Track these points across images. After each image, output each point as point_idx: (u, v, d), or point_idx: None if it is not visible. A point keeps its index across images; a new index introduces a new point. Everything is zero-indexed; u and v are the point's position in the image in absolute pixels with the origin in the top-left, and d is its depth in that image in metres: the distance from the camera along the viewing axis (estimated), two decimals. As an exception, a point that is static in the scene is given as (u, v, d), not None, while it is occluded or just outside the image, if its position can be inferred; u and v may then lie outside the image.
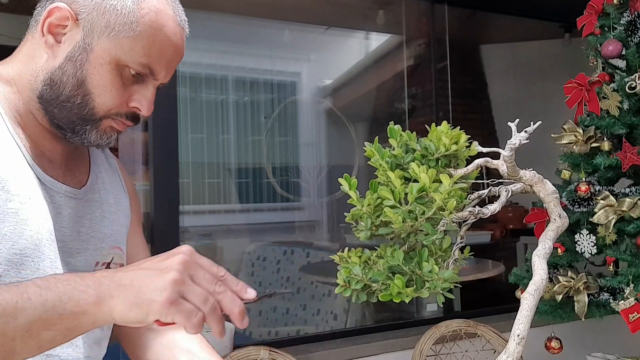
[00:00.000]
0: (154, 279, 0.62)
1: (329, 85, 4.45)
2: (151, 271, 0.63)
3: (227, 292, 0.64)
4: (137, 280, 0.62)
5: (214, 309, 0.62)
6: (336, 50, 4.39)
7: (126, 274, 0.63)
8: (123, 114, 0.81)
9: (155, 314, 0.61)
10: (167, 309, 0.60)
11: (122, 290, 0.61)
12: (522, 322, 0.61)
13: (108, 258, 0.89)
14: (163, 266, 0.63)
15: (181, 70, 2.41)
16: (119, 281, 0.62)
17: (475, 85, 4.70)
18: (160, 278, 0.61)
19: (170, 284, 0.61)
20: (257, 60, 4.10)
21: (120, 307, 0.61)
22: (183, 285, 0.61)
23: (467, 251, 0.69)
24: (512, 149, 0.63)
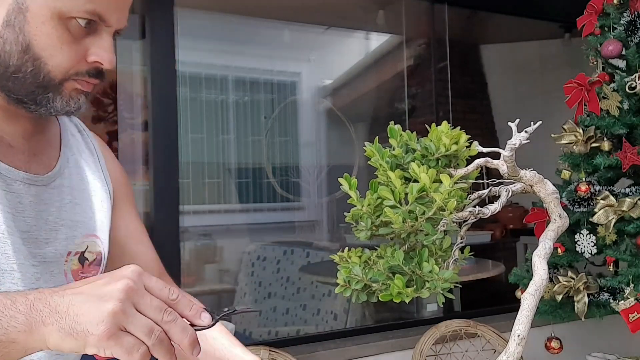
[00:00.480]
0: (91, 309, 0.56)
1: (329, 85, 4.45)
2: (90, 298, 0.57)
3: (176, 321, 0.58)
4: (73, 307, 0.56)
5: (161, 341, 0.57)
6: (336, 50, 4.39)
7: (63, 299, 0.57)
8: (84, 72, 0.73)
9: (92, 347, 0.55)
10: (105, 343, 0.55)
11: (56, 318, 0.56)
12: (523, 322, 0.61)
13: (82, 247, 0.83)
14: (103, 293, 0.56)
15: (181, 70, 2.41)
16: (55, 307, 0.57)
17: (475, 85, 4.70)
18: (98, 308, 0.55)
19: (109, 315, 0.55)
20: (257, 60, 4.10)
21: (54, 336, 0.56)
22: (123, 317, 0.56)
23: (467, 251, 0.69)
24: (513, 149, 0.63)
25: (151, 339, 0.56)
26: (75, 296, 0.57)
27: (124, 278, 0.58)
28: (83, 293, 0.57)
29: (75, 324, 0.55)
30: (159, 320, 0.57)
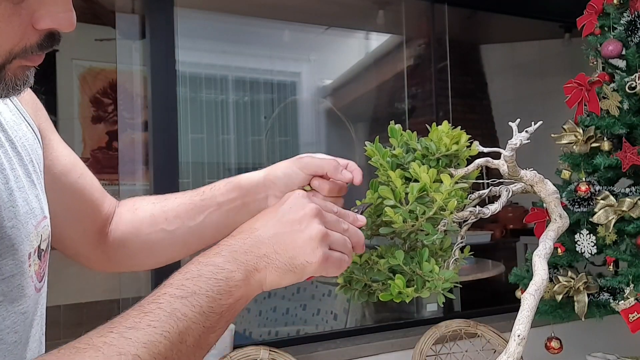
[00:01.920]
0: (298, 240, 0.57)
1: (329, 85, 4.45)
2: (291, 232, 0.58)
3: (350, 228, 0.62)
4: (279, 244, 0.57)
5: (351, 249, 0.61)
6: (336, 50, 4.39)
7: (260, 241, 0.58)
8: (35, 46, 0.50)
9: (310, 273, 0.58)
10: (323, 266, 0.58)
11: (267, 261, 0.57)
12: (523, 323, 0.61)
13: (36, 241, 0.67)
14: (299, 222, 0.58)
15: (181, 70, 2.41)
16: (258, 251, 0.57)
17: (475, 85, 4.70)
18: (307, 238, 0.57)
19: (320, 242, 0.57)
20: (257, 60, 4.10)
21: (271, 277, 0.57)
22: (328, 238, 0.58)
23: (467, 251, 0.69)
24: (513, 149, 0.63)
25: (347, 249, 0.61)
26: (274, 236, 0.58)
27: (306, 203, 0.60)
28: (278, 230, 0.59)
29: (291, 259, 0.57)
30: (341, 231, 0.61)
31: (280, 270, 0.57)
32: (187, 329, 0.51)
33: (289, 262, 0.57)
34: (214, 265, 0.55)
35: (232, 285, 0.55)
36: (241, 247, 0.57)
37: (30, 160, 0.70)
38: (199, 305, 0.52)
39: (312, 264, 0.57)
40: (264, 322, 3.45)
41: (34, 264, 0.66)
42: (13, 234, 0.62)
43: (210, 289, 0.53)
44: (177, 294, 0.52)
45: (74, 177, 0.81)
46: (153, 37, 2.21)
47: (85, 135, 4.00)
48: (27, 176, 0.68)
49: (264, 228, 0.59)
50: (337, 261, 0.59)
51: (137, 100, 2.80)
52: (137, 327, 0.49)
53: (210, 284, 0.54)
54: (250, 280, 0.56)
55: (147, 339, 0.49)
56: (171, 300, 0.52)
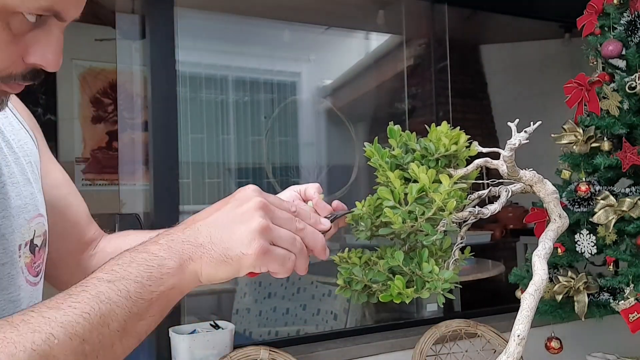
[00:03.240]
0: (236, 231, 0.56)
1: (329, 85, 4.45)
2: (230, 223, 0.57)
3: (307, 228, 0.61)
4: (216, 235, 0.56)
5: (301, 248, 0.59)
6: (336, 50, 4.39)
7: (199, 232, 0.57)
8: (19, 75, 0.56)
9: (248, 267, 0.56)
10: (261, 260, 0.56)
11: (203, 251, 0.56)
12: (522, 323, 0.61)
13: (30, 234, 0.71)
14: (241, 215, 0.57)
15: (181, 70, 2.41)
16: (195, 241, 0.56)
17: (475, 85, 4.70)
18: (245, 229, 0.56)
19: (259, 233, 0.56)
20: (257, 60, 4.10)
21: (207, 268, 0.56)
22: (269, 232, 0.57)
23: (467, 251, 0.69)
24: (512, 149, 0.63)
25: (296, 247, 0.59)
26: (213, 226, 0.57)
27: (252, 197, 0.59)
28: (218, 221, 0.58)
29: (226, 249, 0.56)
30: (294, 230, 0.59)
31: (215, 261, 0.56)
32: (110, 312, 0.50)
33: (225, 253, 0.56)
34: (148, 252, 0.55)
35: (163, 273, 0.54)
36: (179, 236, 0.57)
37: (29, 162, 0.74)
38: (126, 290, 0.52)
39: (248, 256, 0.55)
40: (264, 322, 3.45)
41: (24, 256, 0.70)
42: (3, 224, 0.66)
43: (140, 275, 0.53)
44: (105, 277, 0.52)
45: (61, 194, 0.83)
46: (153, 37, 2.21)
47: (85, 135, 4.00)
48: (22, 174, 0.72)
49: (206, 220, 0.58)
50: (278, 257, 0.57)
51: (137, 100, 2.80)
52: (58, 308, 0.49)
53: (141, 270, 0.53)
54: (184, 269, 0.55)
55: (65, 319, 0.48)
56: (97, 283, 0.52)
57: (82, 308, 0.49)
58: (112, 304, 0.51)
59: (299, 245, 0.59)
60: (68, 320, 0.48)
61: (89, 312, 0.49)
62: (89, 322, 0.49)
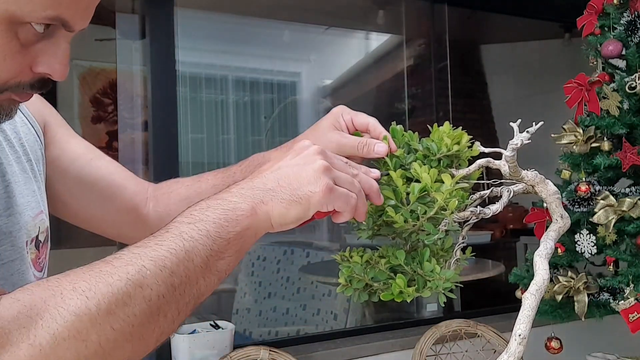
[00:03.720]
0: (302, 173, 0.60)
1: (329, 85, 4.45)
2: (294, 167, 0.61)
3: (360, 174, 0.64)
4: (283, 179, 0.60)
5: (360, 190, 0.63)
6: (336, 50, 4.39)
7: (266, 179, 0.61)
8: (27, 85, 0.58)
9: (316, 205, 0.59)
10: (328, 197, 0.59)
11: (272, 194, 0.59)
12: (524, 322, 0.61)
13: (34, 232, 0.74)
14: (303, 160, 0.61)
15: (181, 70, 2.41)
16: (263, 187, 0.60)
17: (475, 85, 4.70)
18: (310, 170, 0.60)
19: (323, 172, 0.59)
20: (257, 60, 4.10)
21: (278, 209, 0.59)
22: (332, 171, 0.60)
23: (468, 251, 0.69)
24: (514, 149, 0.64)
25: (356, 188, 0.62)
26: (278, 172, 0.61)
27: (310, 145, 0.63)
28: (282, 167, 0.61)
29: (295, 190, 0.59)
30: (350, 174, 0.63)
31: (285, 202, 0.59)
32: (193, 249, 0.54)
33: (294, 193, 0.59)
34: (222, 199, 0.59)
35: (238, 214, 0.57)
36: (248, 184, 0.60)
37: (29, 159, 0.77)
38: (206, 230, 0.55)
39: (316, 194, 0.58)
40: (264, 322, 3.45)
41: (30, 252, 0.73)
42: (10, 222, 0.69)
43: (217, 217, 0.56)
44: (185, 221, 0.56)
45: (83, 163, 0.86)
46: (153, 37, 2.21)
47: (85, 135, 3.97)
48: (23, 172, 0.75)
49: (271, 169, 0.62)
50: (343, 195, 0.60)
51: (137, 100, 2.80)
52: (145, 246, 0.53)
53: (217, 213, 0.57)
54: (257, 211, 0.58)
55: (154, 253, 0.52)
56: (179, 225, 0.56)
57: (168, 245, 0.53)
58: (194, 241, 0.54)
59: (358, 186, 0.62)
60: (157, 254, 0.52)
61: (174, 248, 0.53)
62: (175, 257, 0.53)
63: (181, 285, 0.53)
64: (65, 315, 0.47)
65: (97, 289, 0.48)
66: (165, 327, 0.53)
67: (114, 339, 0.48)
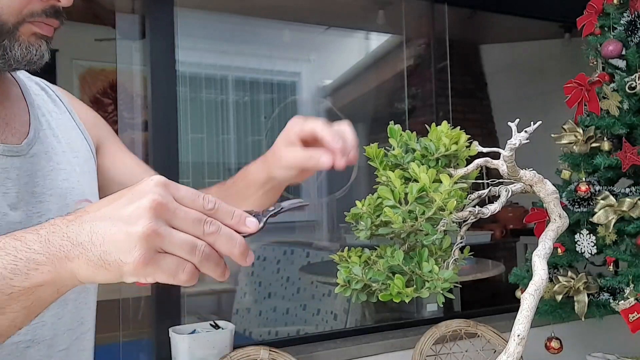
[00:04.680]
0: (118, 235, 0.48)
1: (329, 85, 4.45)
2: (114, 223, 0.48)
3: (220, 231, 0.51)
4: (97, 235, 0.48)
5: (207, 255, 0.50)
6: (336, 50, 4.39)
7: (82, 228, 0.49)
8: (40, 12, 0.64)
9: (129, 276, 0.49)
10: (143, 270, 0.48)
11: (80, 250, 0.48)
12: (522, 323, 0.61)
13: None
14: (127, 215, 0.48)
15: (181, 70, 2.41)
16: (75, 238, 0.49)
17: (475, 85, 4.70)
18: (127, 233, 0.47)
19: (140, 239, 0.47)
20: (257, 60, 4.10)
21: (84, 269, 0.49)
22: (157, 237, 0.48)
23: (467, 251, 0.69)
24: (512, 149, 0.63)
25: (196, 256, 0.49)
26: (96, 223, 0.49)
27: (148, 193, 0.49)
28: (104, 218, 0.49)
29: (104, 254, 0.48)
30: (200, 234, 0.50)
31: (92, 264, 0.49)
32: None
33: (102, 257, 0.48)
34: (23, 241, 0.50)
35: (31, 268, 0.48)
36: (61, 229, 0.50)
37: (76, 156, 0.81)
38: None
39: (128, 265, 0.47)
40: (264, 322, 3.45)
41: None
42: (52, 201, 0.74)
43: (4, 266, 0.48)
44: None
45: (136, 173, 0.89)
46: (153, 37, 2.21)
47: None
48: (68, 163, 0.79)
49: (94, 214, 0.50)
50: (166, 267, 0.48)
51: (137, 100, 2.80)
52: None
53: (7, 260, 0.48)
54: (58, 268, 0.49)
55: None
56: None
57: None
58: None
59: (202, 252, 0.50)
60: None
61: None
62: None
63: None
64: None
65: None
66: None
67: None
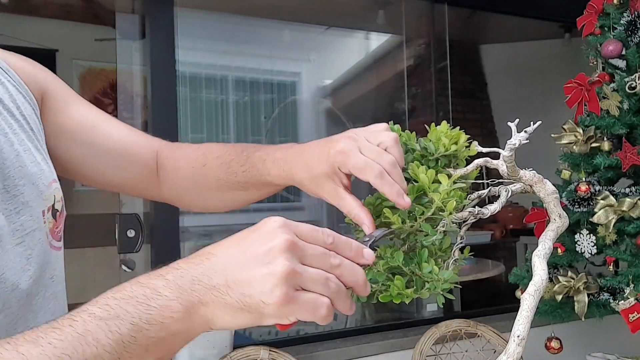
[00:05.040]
0: (257, 276, 0.47)
1: (328, 85, 4.45)
2: (250, 264, 0.48)
3: (344, 263, 0.51)
4: (233, 277, 0.47)
5: (338, 288, 0.50)
6: (336, 50, 4.39)
7: (213, 270, 0.48)
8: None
9: (270, 317, 0.48)
10: (285, 309, 0.47)
11: (215, 294, 0.47)
12: (522, 323, 0.61)
13: (50, 201, 0.69)
14: (263, 255, 0.48)
15: (181, 70, 2.41)
16: (208, 282, 0.47)
17: (475, 85, 4.70)
18: (267, 274, 0.47)
19: (281, 279, 0.46)
20: (257, 60, 4.10)
21: (220, 315, 0.48)
22: (296, 275, 0.47)
23: (467, 251, 0.69)
24: (512, 149, 0.63)
25: (330, 289, 0.49)
26: (230, 265, 0.48)
27: (278, 233, 0.49)
28: (237, 260, 0.48)
29: (244, 296, 0.47)
30: (328, 268, 0.50)
31: (230, 308, 0.47)
32: (95, 358, 0.43)
33: (242, 300, 0.47)
34: (152, 288, 0.47)
35: (166, 316, 0.46)
36: (190, 273, 0.48)
37: (31, 129, 0.72)
38: (118, 333, 0.44)
39: (270, 306, 0.47)
40: (264, 322, 3.45)
41: (48, 221, 0.69)
42: (26, 192, 0.65)
43: (138, 316, 0.45)
44: (97, 313, 0.45)
45: (90, 131, 0.81)
46: (153, 37, 2.21)
47: (85, 135, 4.00)
48: (30, 141, 0.70)
49: (222, 256, 0.49)
50: (307, 305, 0.48)
51: (137, 100, 2.80)
52: (37, 343, 0.43)
53: (140, 310, 0.45)
54: (192, 315, 0.47)
55: (42, 359, 0.42)
56: (87, 319, 0.44)
57: (63, 348, 0.42)
58: (99, 347, 0.43)
59: (335, 287, 0.50)
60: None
61: (70, 354, 0.42)
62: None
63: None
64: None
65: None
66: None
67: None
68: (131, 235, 2.05)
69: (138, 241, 2.06)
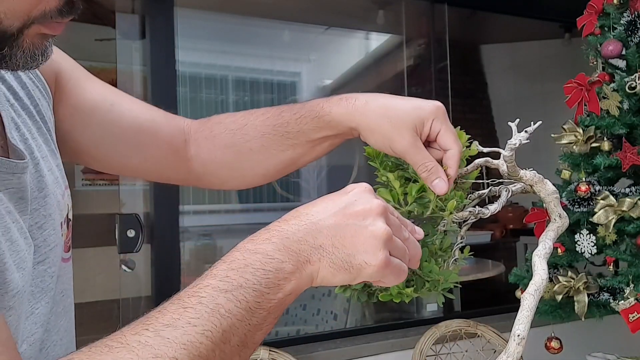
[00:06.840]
0: (360, 237, 0.50)
1: (328, 85, 4.45)
2: (355, 227, 0.50)
3: (410, 238, 0.55)
4: (339, 239, 0.50)
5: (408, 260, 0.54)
6: (336, 50, 4.39)
7: (319, 231, 0.50)
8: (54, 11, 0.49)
9: (365, 277, 0.51)
10: (382, 271, 0.50)
11: (322, 254, 0.50)
12: (522, 323, 0.61)
13: (65, 210, 0.67)
14: (362, 215, 0.51)
15: (181, 70, 2.41)
16: (314, 242, 0.50)
17: (475, 85, 4.70)
18: (372, 238, 0.50)
19: (385, 243, 0.50)
20: (257, 60, 4.10)
21: (324, 272, 0.50)
22: (392, 241, 0.51)
23: (467, 251, 0.69)
24: (513, 149, 0.63)
25: (406, 258, 0.53)
26: (333, 227, 0.51)
27: (373, 198, 0.52)
28: (339, 221, 0.51)
29: (349, 256, 0.50)
30: (403, 239, 0.54)
31: (334, 267, 0.50)
32: (231, 328, 0.46)
33: (346, 260, 0.50)
34: (263, 253, 0.49)
35: (281, 278, 0.48)
36: (294, 234, 0.50)
37: (48, 129, 0.68)
38: (245, 301, 0.46)
39: (372, 267, 0.50)
40: (264, 322, 3.45)
41: (64, 233, 0.66)
42: (47, 204, 0.62)
43: (258, 282, 0.47)
44: (221, 286, 0.47)
45: (104, 110, 0.76)
46: (153, 37, 2.22)
47: (85, 135, 3.99)
48: (47, 145, 0.67)
49: (323, 216, 0.51)
50: (396, 269, 0.52)
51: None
52: (176, 325, 0.44)
53: (258, 276, 0.48)
54: (302, 273, 0.50)
55: (187, 339, 0.43)
56: (214, 294, 0.46)
57: (203, 325, 0.44)
58: (232, 317, 0.46)
59: (407, 257, 0.54)
60: (190, 340, 0.43)
61: (210, 329, 0.44)
62: (211, 341, 0.44)
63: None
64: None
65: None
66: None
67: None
68: (131, 235, 2.05)
69: (138, 241, 2.06)
